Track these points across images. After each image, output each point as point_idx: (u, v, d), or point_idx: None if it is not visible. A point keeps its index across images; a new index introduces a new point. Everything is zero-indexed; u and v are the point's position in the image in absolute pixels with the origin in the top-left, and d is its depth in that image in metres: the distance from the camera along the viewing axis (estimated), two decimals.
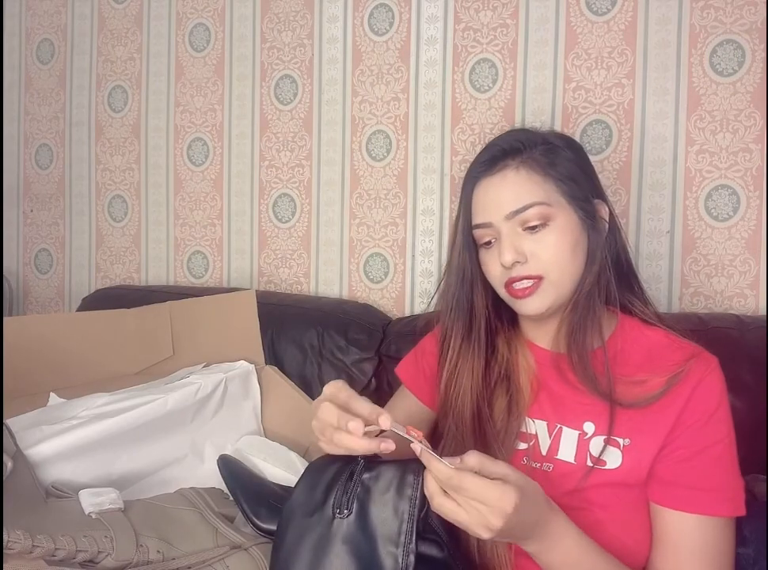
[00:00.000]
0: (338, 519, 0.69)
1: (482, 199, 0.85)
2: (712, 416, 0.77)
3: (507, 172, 0.84)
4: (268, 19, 1.55)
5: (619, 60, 1.29)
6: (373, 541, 0.67)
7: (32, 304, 1.81)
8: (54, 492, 0.85)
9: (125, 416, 0.99)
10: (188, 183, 1.64)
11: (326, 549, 0.67)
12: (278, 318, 1.36)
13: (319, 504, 0.70)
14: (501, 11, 1.37)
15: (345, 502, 0.69)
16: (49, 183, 1.77)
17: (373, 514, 0.68)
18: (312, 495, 0.71)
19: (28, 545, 0.68)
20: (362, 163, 1.49)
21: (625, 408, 0.78)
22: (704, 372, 0.78)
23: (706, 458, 0.76)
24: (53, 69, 1.76)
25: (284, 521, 0.72)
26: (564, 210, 0.82)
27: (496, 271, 0.84)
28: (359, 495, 0.69)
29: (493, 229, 0.84)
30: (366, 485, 0.70)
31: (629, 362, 0.82)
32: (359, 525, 0.68)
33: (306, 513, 0.70)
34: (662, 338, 0.84)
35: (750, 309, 1.24)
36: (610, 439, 0.78)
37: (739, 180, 1.23)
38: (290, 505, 0.72)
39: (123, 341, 1.31)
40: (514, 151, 0.85)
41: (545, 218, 0.81)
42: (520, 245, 0.81)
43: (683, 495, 0.76)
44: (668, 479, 0.77)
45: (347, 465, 0.72)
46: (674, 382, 0.78)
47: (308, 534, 0.69)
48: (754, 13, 1.21)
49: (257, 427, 1.21)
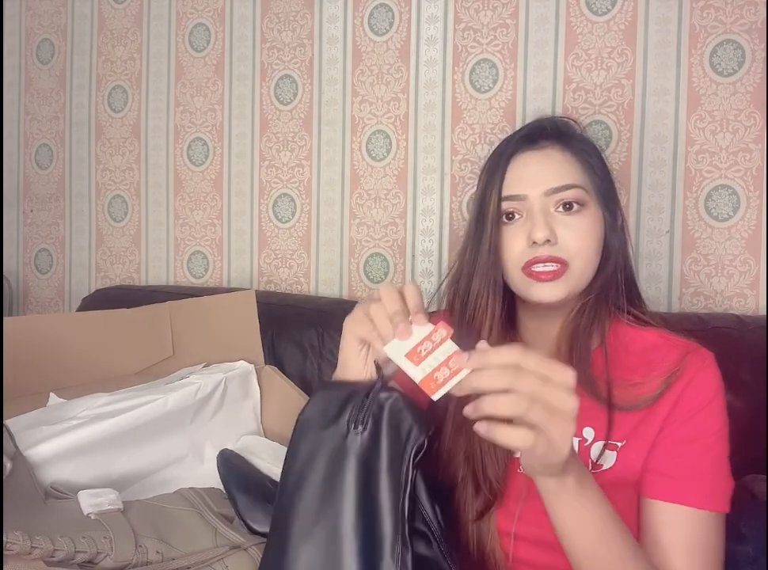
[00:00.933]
0: (352, 434, 0.68)
1: (521, 171, 0.82)
2: (705, 407, 0.76)
3: (551, 151, 0.82)
4: (268, 19, 1.55)
5: (619, 60, 1.29)
6: (382, 461, 0.66)
7: (32, 304, 1.81)
8: (53, 493, 0.85)
9: (125, 417, 0.99)
10: (188, 183, 1.64)
11: (341, 463, 0.66)
12: (278, 318, 1.36)
13: (333, 418, 0.69)
14: (501, 11, 1.37)
15: (361, 418, 0.68)
16: (49, 183, 1.77)
17: (385, 434, 0.67)
18: (326, 409, 0.70)
19: (27, 546, 0.68)
20: (362, 163, 1.49)
21: (624, 412, 0.77)
22: (698, 367, 0.78)
23: (694, 449, 0.75)
24: (53, 69, 1.76)
25: (298, 433, 0.71)
26: (595, 203, 0.82)
27: (516, 248, 0.81)
28: (375, 413, 0.68)
29: (525, 203, 0.81)
30: (381, 404, 0.69)
31: (625, 365, 0.81)
32: (372, 443, 0.67)
33: (320, 426, 0.69)
34: (656, 338, 0.83)
35: (750, 309, 1.23)
36: (608, 444, 0.77)
37: (739, 180, 1.23)
38: (305, 418, 0.71)
39: (122, 341, 1.31)
40: (558, 133, 0.85)
41: (581, 203, 0.80)
42: (554, 225, 0.79)
43: (668, 484, 0.75)
44: (653, 468, 0.76)
45: (362, 386, 0.71)
46: (670, 382, 0.77)
47: (323, 447, 0.68)
48: (754, 13, 1.21)
49: (257, 427, 1.21)
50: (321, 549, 0.64)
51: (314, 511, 0.65)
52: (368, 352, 0.73)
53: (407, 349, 0.63)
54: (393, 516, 0.64)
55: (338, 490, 0.65)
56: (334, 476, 0.66)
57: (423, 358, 0.62)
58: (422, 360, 0.62)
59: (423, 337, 0.63)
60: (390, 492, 0.65)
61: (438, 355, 0.62)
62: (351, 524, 0.63)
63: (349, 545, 0.63)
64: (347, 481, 0.65)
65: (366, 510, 0.64)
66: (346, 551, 0.63)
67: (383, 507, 0.64)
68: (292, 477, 0.68)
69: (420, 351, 0.62)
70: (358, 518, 0.64)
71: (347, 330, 0.73)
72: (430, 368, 0.61)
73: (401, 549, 0.63)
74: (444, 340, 0.62)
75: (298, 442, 0.70)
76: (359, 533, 0.63)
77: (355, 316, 0.72)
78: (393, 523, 0.64)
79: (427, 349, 0.62)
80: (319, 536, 0.64)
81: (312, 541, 0.64)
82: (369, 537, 0.63)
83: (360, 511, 0.64)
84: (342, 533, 0.63)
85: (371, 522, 0.64)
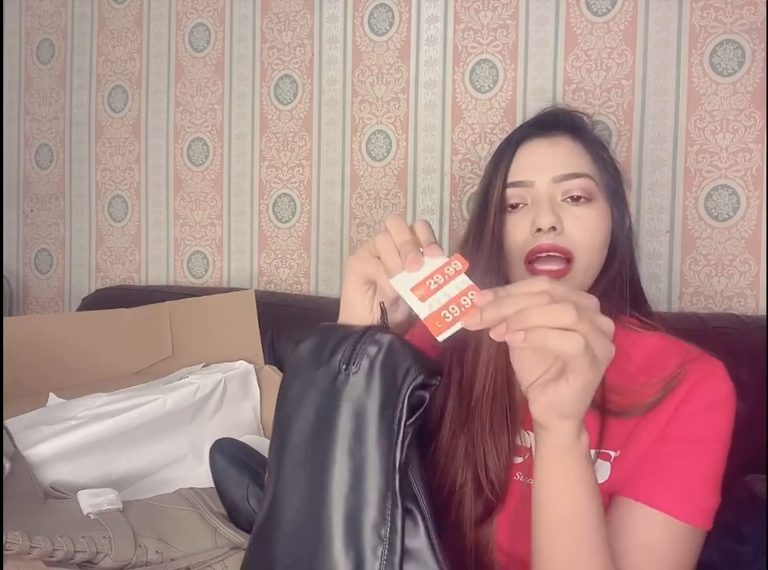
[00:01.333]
0: (343, 374, 0.61)
1: (529, 157, 0.79)
2: (710, 412, 0.71)
3: (562, 139, 0.79)
4: (268, 19, 1.55)
5: (619, 61, 1.29)
6: (373, 404, 0.60)
7: (32, 304, 1.81)
8: (52, 493, 0.85)
9: (124, 417, 0.99)
10: (188, 183, 1.64)
11: (330, 406, 0.60)
12: (278, 318, 1.36)
13: (326, 359, 0.63)
14: (501, 11, 1.37)
15: (354, 358, 0.62)
16: (49, 183, 1.77)
17: (379, 375, 0.61)
18: (320, 350, 0.64)
19: (26, 545, 0.68)
20: (362, 163, 1.49)
21: (619, 418, 0.72)
22: (706, 374, 0.72)
23: (683, 450, 0.70)
24: (53, 69, 1.76)
25: (290, 373, 0.66)
26: (604, 198, 0.78)
27: (520, 237, 0.76)
28: (370, 353, 0.62)
29: (531, 190, 0.77)
30: (378, 344, 0.62)
31: (625, 371, 0.75)
32: (365, 384, 0.60)
33: (311, 366, 0.64)
34: (660, 342, 0.78)
35: (750, 309, 1.23)
36: (600, 453, 0.71)
37: (739, 180, 1.23)
38: (297, 357, 0.66)
39: (122, 341, 1.31)
40: (568, 124, 0.82)
41: (589, 195, 0.76)
42: (560, 214, 0.75)
43: (641, 481, 0.70)
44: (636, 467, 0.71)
45: (360, 328, 0.65)
46: (670, 388, 0.71)
47: (312, 389, 0.62)
48: (754, 13, 1.21)
49: (257, 426, 1.21)
50: (306, 498, 0.59)
51: (302, 457, 0.60)
52: (374, 295, 0.66)
53: (414, 281, 0.57)
54: (383, 467, 0.58)
55: (326, 435, 0.60)
56: (322, 420, 0.60)
57: (432, 292, 0.56)
58: (430, 295, 0.56)
59: (435, 269, 0.57)
60: (382, 437, 0.59)
61: (449, 289, 0.55)
62: (338, 471, 0.58)
63: (336, 496, 0.57)
64: (337, 426, 0.59)
65: (356, 458, 0.58)
66: (333, 502, 0.57)
67: (373, 456, 0.58)
68: (283, 420, 0.63)
69: (428, 284, 0.56)
70: (347, 467, 0.58)
71: (351, 269, 0.66)
72: (438, 304, 0.55)
73: (390, 506, 0.57)
74: (458, 273, 0.56)
75: (290, 382, 0.65)
76: (345, 484, 0.57)
77: (360, 254, 0.65)
78: (384, 475, 0.57)
79: (438, 282, 0.56)
80: (306, 485, 0.59)
81: (298, 489, 0.59)
82: (356, 489, 0.57)
83: (350, 459, 0.58)
84: (328, 480, 0.58)
85: (360, 471, 0.58)
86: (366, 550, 0.55)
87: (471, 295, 0.55)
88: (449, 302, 0.55)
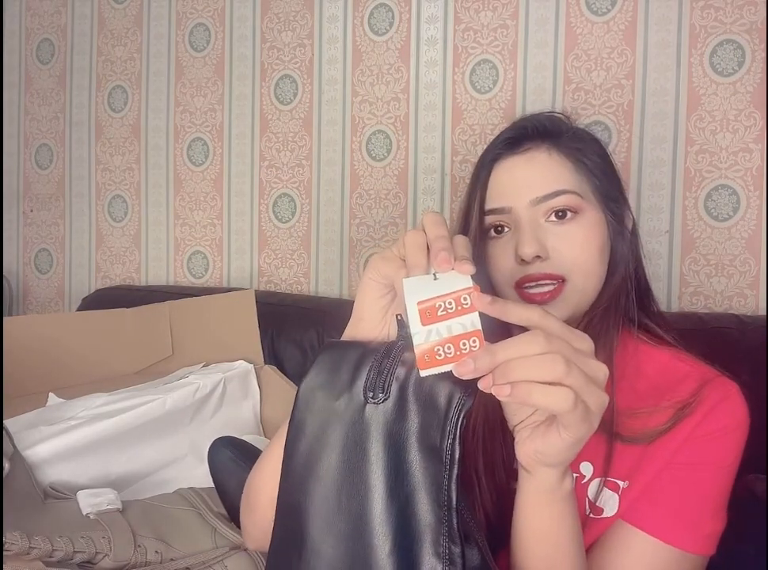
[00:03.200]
0: (371, 405, 0.54)
1: (503, 181, 0.74)
2: (721, 436, 0.67)
3: (536, 154, 0.73)
4: (268, 19, 1.55)
5: (619, 61, 1.29)
6: (411, 436, 0.53)
7: (32, 304, 1.81)
8: (52, 493, 0.85)
9: (124, 417, 0.99)
10: (188, 183, 1.64)
11: (361, 441, 0.53)
12: (278, 318, 1.36)
13: (345, 386, 0.55)
14: (501, 12, 1.37)
15: (380, 384, 0.54)
16: (49, 183, 1.77)
17: (413, 401, 0.53)
18: (335, 375, 0.56)
19: (25, 546, 0.68)
20: (362, 163, 1.49)
21: (626, 444, 0.67)
22: (720, 397, 0.68)
23: (689, 475, 0.67)
24: (53, 69, 1.76)
25: (302, 405, 0.57)
26: (594, 206, 0.73)
27: (506, 266, 0.72)
28: (399, 375, 0.54)
29: (511, 216, 0.72)
30: (406, 366, 0.54)
31: (635, 390, 0.71)
32: (398, 414, 0.53)
33: (329, 396, 0.56)
34: (672, 360, 0.73)
35: (750, 309, 1.23)
36: (607, 481, 0.67)
37: (739, 180, 1.23)
38: (308, 387, 0.58)
39: (122, 341, 1.31)
40: (543, 133, 0.75)
41: (574, 210, 0.71)
42: (543, 238, 0.70)
43: (652, 514, 0.66)
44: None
45: (379, 345, 0.57)
46: (683, 415, 0.67)
47: (336, 422, 0.55)
48: (754, 13, 1.21)
49: (257, 426, 1.21)
50: (345, 543, 0.52)
51: (335, 500, 0.53)
52: (390, 303, 0.59)
53: (426, 295, 0.50)
54: (434, 503, 0.51)
55: (361, 474, 0.53)
56: (354, 457, 0.53)
57: (438, 319, 0.50)
58: (434, 321, 0.50)
59: (452, 291, 0.50)
60: (427, 470, 0.52)
61: (454, 325, 0.49)
62: (381, 513, 0.51)
63: (380, 539, 0.51)
64: (372, 462, 0.52)
65: (400, 495, 0.52)
66: (377, 546, 0.51)
67: (419, 492, 0.52)
68: (300, 458, 0.56)
69: (438, 306, 0.50)
70: (389, 506, 0.52)
71: (371, 267, 0.57)
72: (436, 337, 0.49)
73: (447, 544, 0.50)
74: (472, 310, 0.49)
75: (303, 416, 0.57)
76: (391, 525, 0.51)
77: (385, 252, 0.57)
78: (435, 512, 0.51)
79: (448, 310, 0.50)
80: (343, 528, 0.52)
81: (334, 535, 0.53)
82: (404, 530, 0.51)
83: (392, 497, 0.52)
84: (371, 525, 0.52)
85: (406, 509, 0.52)
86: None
87: (473, 342, 0.49)
88: (447, 340, 0.49)
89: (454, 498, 0.51)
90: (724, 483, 0.68)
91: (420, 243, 0.53)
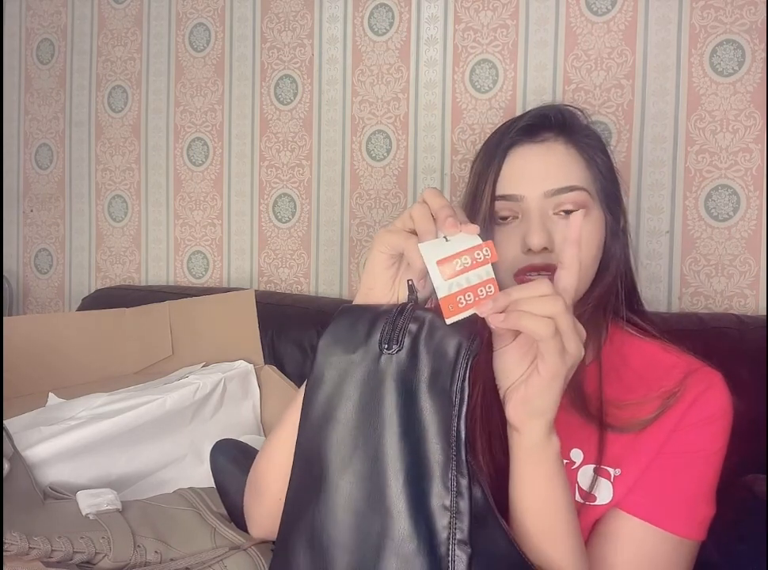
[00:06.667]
0: (386, 355, 0.59)
1: (519, 168, 0.75)
2: (706, 425, 0.70)
3: (554, 145, 0.75)
4: (268, 19, 1.55)
5: (619, 61, 1.29)
6: (422, 381, 0.58)
7: (32, 304, 1.81)
8: (51, 493, 0.85)
9: (123, 417, 0.99)
10: (188, 183, 1.64)
11: (377, 387, 0.59)
12: (278, 318, 1.36)
13: (362, 340, 0.61)
14: (501, 11, 1.37)
15: (395, 336, 0.60)
16: (49, 183, 1.77)
17: (425, 351, 0.59)
18: (353, 331, 0.62)
19: (25, 546, 0.68)
20: (362, 163, 1.49)
21: (616, 433, 0.70)
22: (705, 386, 0.71)
23: (678, 463, 0.69)
24: (53, 69, 1.76)
25: (320, 358, 0.62)
26: (597, 205, 0.75)
27: (510, 253, 0.73)
28: (411, 330, 0.60)
29: (521, 204, 0.73)
30: (418, 321, 0.60)
31: (622, 381, 0.74)
32: (411, 362, 0.58)
33: (346, 349, 0.61)
34: (659, 351, 0.76)
35: (750, 309, 1.23)
36: (599, 469, 0.70)
37: (739, 180, 1.23)
38: (326, 342, 0.63)
39: (122, 341, 1.31)
40: (562, 125, 0.76)
41: (583, 206, 0.73)
42: (551, 231, 0.72)
43: (644, 501, 0.68)
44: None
45: (392, 306, 0.63)
46: (669, 404, 0.70)
47: (353, 372, 0.60)
48: (754, 13, 1.21)
49: (257, 427, 1.21)
50: (362, 480, 0.57)
51: (351, 441, 0.58)
52: (397, 272, 0.64)
53: (443, 255, 0.56)
54: (443, 440, 0.56)
55: (376, 416, 0.58)
56: (370, 402, 0.58)
57: (456, 273, 0.56)
58: (454, 275, 0.56)
59: (465, 249, 0.57)
60: (437, 413, 0.57)
61: (472, 276, 0.56)
62: (394, 452, 0.56)
63: (394, 475, 0.56)
64: (387, 406, 0.58)
65: (411, 436, 0.57)
66: (391, 481, 0.56)
67: (430, 432, 0.56)
68: (318, 407, 0.61)
69: (455, 263, 0.56)
70: (402, 445, 0.56)
71: (379, 240, 0.62)
72: (457, 288, 0.56)
73: (455, 477, 0.55)
74: (486, 263, 0.56)
75: (321, 368, 0.62)
76: (404, 462, 0.56)
77: (390, 226, 0.63)
78: (445, 450, 0.56)
79: (464, 265, 0.57)
80: (359, 467, 0.57)
81: (351, 472, 0.58)
82: (416, 465, 0.56)
83: (405, 438, 0.57)
84: (385, 462, 0.56)
85: (418, 448, 0.56)
86: (435, 522, 0.55)
87: (489, 288, 0.56)
88: (467, 289, 0.56)
89: (463, 432, 0.56)
90: (713, 469, 0.71)
91: (426, 213, 0.59)
